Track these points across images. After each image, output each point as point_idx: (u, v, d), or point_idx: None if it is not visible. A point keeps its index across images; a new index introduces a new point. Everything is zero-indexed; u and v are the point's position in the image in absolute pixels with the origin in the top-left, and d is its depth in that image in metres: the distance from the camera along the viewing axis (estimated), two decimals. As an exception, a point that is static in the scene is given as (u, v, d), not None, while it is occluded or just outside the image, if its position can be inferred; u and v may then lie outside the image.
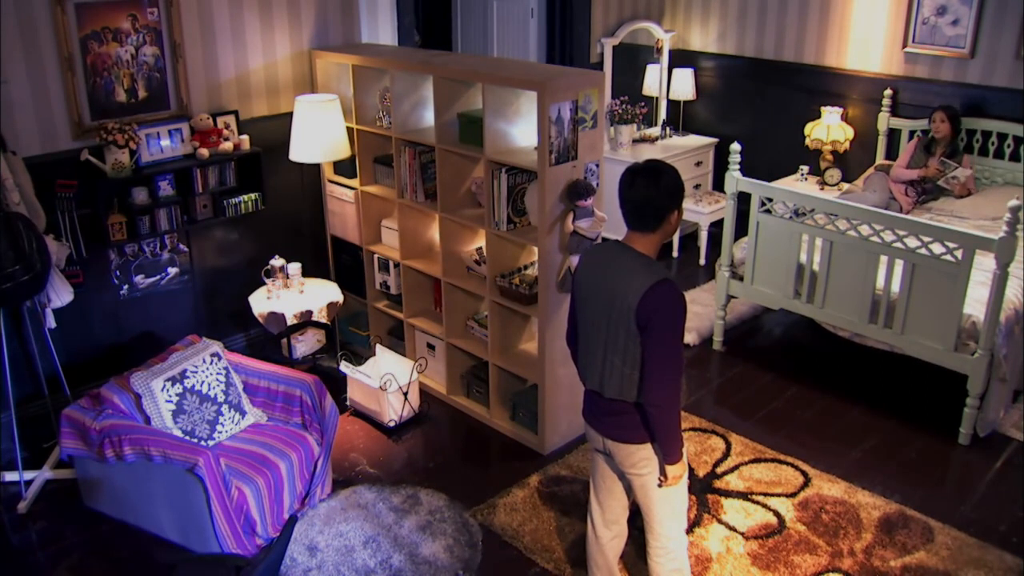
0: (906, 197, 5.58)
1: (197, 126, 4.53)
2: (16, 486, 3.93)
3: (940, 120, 5.56)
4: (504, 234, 4.10)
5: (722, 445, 4.28)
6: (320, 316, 4.58)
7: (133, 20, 4.30)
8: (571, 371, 4.19)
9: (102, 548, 3.64)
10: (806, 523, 3.73)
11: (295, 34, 4.89)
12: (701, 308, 5.68)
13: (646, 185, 2.62)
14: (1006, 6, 5.49)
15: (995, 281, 4.04)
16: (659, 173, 2.64)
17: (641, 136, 6.76)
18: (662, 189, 2.62)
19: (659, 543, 2.91)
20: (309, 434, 3.86)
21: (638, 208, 2.65)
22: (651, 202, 2.62)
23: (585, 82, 3.82)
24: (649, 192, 2.62)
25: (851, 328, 4.59)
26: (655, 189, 2.62)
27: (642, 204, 2.63)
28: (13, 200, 3.69)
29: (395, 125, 4.48)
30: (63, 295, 3.96)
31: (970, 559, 3.52)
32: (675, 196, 2.66)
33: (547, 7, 6.37)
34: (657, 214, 2.65)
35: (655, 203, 2.62)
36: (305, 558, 3.55)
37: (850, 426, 4.46)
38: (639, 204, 2.64)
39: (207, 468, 3.33)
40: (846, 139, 6.27)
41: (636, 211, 2.66)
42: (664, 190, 2.63)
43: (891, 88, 6.06)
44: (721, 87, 7.07)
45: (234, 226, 4.92)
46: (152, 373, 3.69)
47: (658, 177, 2.63)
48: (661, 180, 2.63)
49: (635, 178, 2.64)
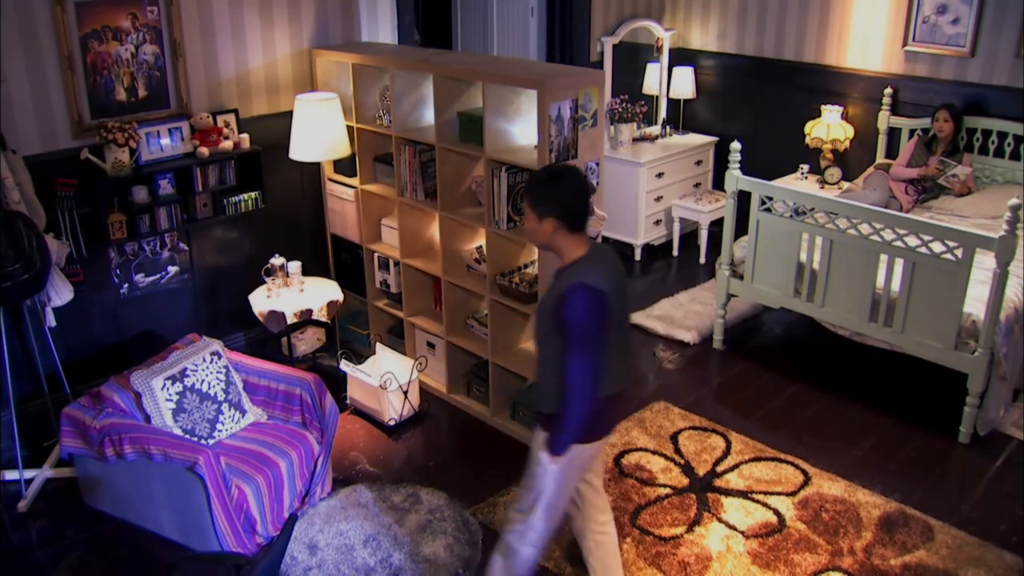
0: (906, 196, 5.58)
1: (197, 125, 4.53)
2: (16, 485, 3.93)
3: (943, 119, 5.56)
4: (504, 233, 4.10)
5: (722, 444, 4.28)
6: (320, 315, 4.58)
7: (133, 19, 4.29)
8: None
9: (102, 547, 3.64)
10: (806, 522, 3.73)
11: (295, 33, 4.89)
12: (701, 307, 5.68)
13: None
14: (1006, 5, 5.49)
15: (995, 280, 4.04)
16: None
17: (641, 135, 6.76)
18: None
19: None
20: (309, 433, 3.86)
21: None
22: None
23: (585, 81, 3.82)
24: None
25: (851, 327, 4.60)
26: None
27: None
28: (13, 199, 3.68)
29: (395, 124, 4.48)
30: (63, 294, 3.95)
31: (970, 558, 3.52)
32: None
33: (547, 6, 6.37)
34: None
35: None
36: (305, 557, 3.56)
37: (850, 425, 4.46)
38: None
39: (207, 467, 3.33)
40: (846, 138, 6.27)
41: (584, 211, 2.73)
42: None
43: (891, 87, 6.06)
44: (721, 86, 7.07)
45: (234, 225, 4.92)
46: (152, 372, 3.69)
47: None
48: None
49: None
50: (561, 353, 2.65)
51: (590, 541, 3.13)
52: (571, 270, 2.69)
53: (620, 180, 6.33)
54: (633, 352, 2.98)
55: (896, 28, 6.01)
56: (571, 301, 2.60)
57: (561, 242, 2.71)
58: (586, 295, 2.60)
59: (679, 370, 5.04)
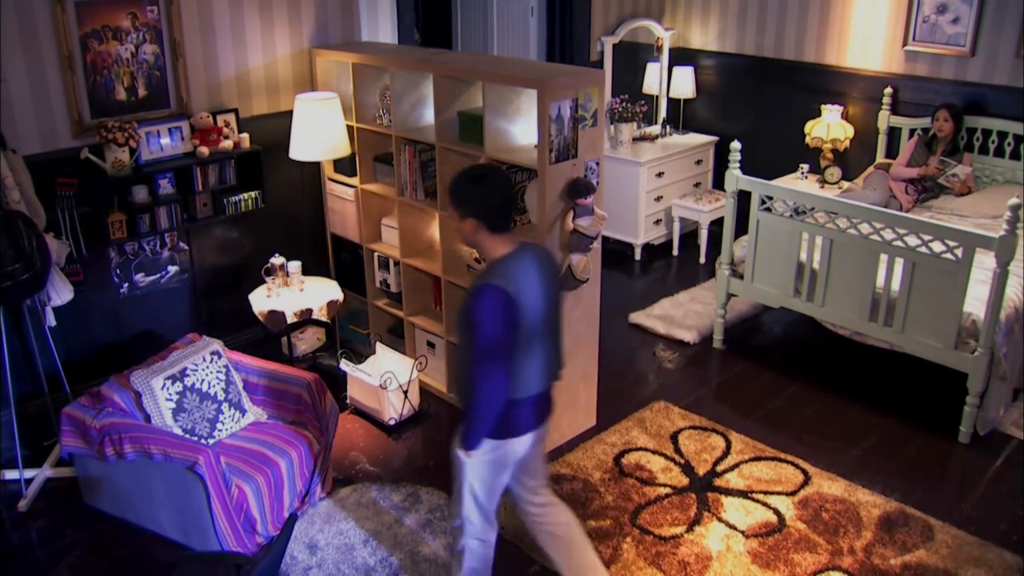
0: (906, 195, 5.58)
1: (197, 124, 4.52)
2: (16, 484, 3.93)
3: (944, 118, 5.56)
4: (504, 232, 4.10)
5: (722, 443, 4.28)
6: (320, 314, 4.58)
7: (133, 18, 4.29)
8: (571, 369, 4.19)
9: (102, 546, 3.64)
10: (806, 521, 3.73)
11: (295, 32, 4.89)
12: (701, 307, 5.68)
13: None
14: (1006, 4, 5.49)
15: (995, 279, 4.04)
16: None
17: (641, 134, 6.76)
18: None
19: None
20: (309, 432, 3.86)
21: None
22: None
23: (585, 80, 3.82)
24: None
25: (851, 326, 4.60)
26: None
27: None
28: (13, 198, 3.68)
29: (395, 123, 4.48)
30: (63, 293, 3.95)
31: (970, 557, 3.52)
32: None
33: (547, 5, 6.37)
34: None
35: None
36: (305, 556, 3.56)
37: (850, 424, 4.46)
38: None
39: (207, 466, 3.33)
40: (846, 137, 6.26)
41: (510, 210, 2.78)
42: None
43: (891, 86, 6.06)
44: (721, 85, 7.07)
45: (234, 224, 4.92)
46: (152, 371, 3.69)
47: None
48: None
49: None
50: (470, 350, 2.69)
51: (543, 535, 3.17)
52: (488, 270, 2.72)
53: (620, 180, 6.33)
54: (561, 354, 2.97)
55: (896, 28, 6.01)
56: (477, 301, 2.63)
57: (483, 241, 2.74)
58: (491, 296, 2.61)
59: (679, 370, 5.04)
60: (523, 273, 2.70)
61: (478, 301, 2.63)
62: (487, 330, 2.63)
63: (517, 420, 2.83)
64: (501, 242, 2.74)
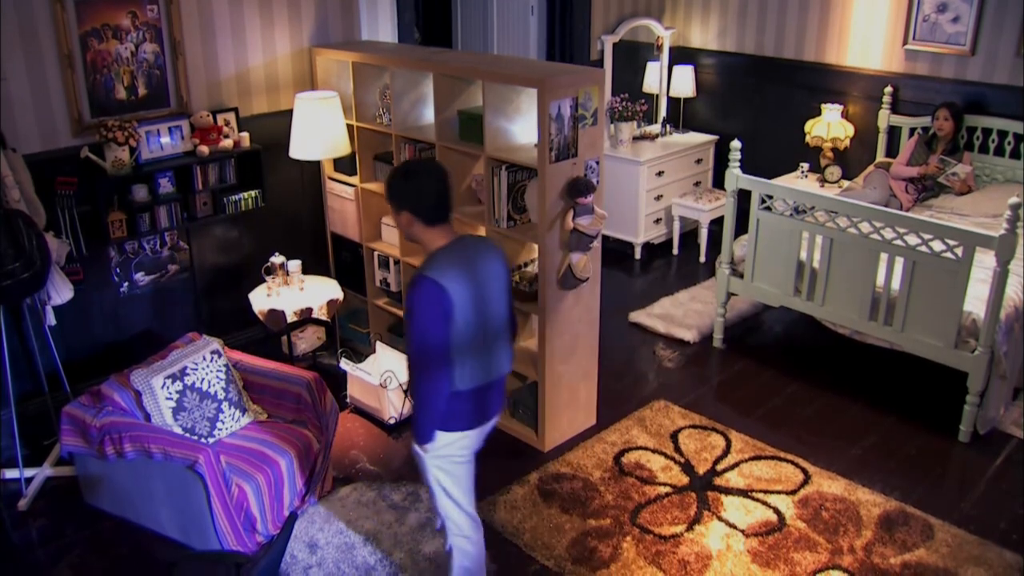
0: (906, 194, 5.58)
1: (197, 123, 4.52)
2: (16, 483, 3.93)
3: (944, 117, 5.56)
4: (504, 231, 4.10)
5: (722, 442, 4.28)
6: (320, 313, 4.58)
7: (133, 17, 4.29)
8: (571, 369, 4.21)
9: (102, 545, 3.64)
10: (806, 520, 3.73)
11: (295, 31, 4.89)
12: (701, 305, 5.68)
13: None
14: (1007, 4, 5.49)
15: (995, 278, 4.04)
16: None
17: (641, 134, 6.76)
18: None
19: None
20: (309, 431, 3.86)
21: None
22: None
23: (585, 79, 3.82)
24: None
25: (851, 325, 4.59)
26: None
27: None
28: (13, 197, 3.68)
29: (395, 122, 4.47)
30: (63, 292, 3.95)
31: (970, 556, 3.52)
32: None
33: (547, 4, 6.37)
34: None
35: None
36: (305, 555, 3.56)
37: (850, 423, 4.46)
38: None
39: (207, 465, 3.33)
40: (846, 136, 6.26)
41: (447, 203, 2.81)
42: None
43: (891, 85, 6.06)
44: (721, 84, 7.06)
45: (234, 223, 4.92)
46: (152, 370, 3.69)
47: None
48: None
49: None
50: (408, 342, 2.76)
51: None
52: (425, 262, 2.75)
53: (620, 179, 6.33)
54: (511, 346, 2.99)
55: (896, 26, 6.01)
56: (410, 292, 2.68)
57: (419, 234, 2.80)
58: (423, 288, 2.65)
59: (679, 369, 5.04)
60: (458, 265, 2.72)
61: (411, 292, 2.68)
62: (420, 321, 2.68)
63: (465, 411, 2.85)
64: (438, 234, 2.78)
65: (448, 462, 2.89)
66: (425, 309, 2.66)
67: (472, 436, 2.90)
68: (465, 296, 2.70)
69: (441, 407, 2.77)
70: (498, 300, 2.86)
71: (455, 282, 2.67)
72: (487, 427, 2.97)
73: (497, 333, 2.88)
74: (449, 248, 2.77)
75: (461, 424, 2.84)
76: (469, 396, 2.82)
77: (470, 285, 2.72)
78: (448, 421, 2.81)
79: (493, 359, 2.88)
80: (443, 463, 2.88)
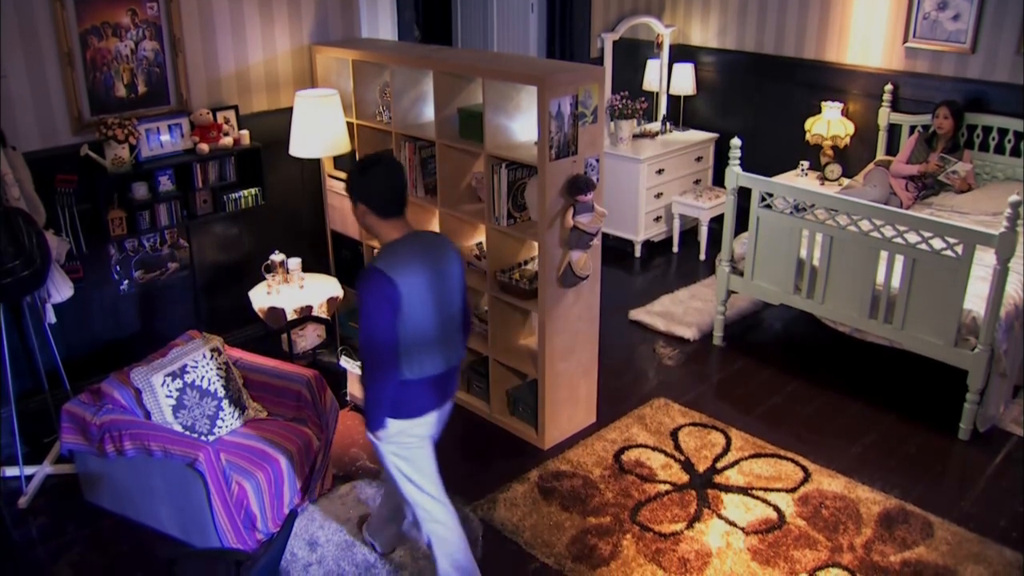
0: (906, 192, 5.58)
1: (197, 121, 4.52)
2: (16, 481, 3.93)
3: (943, 115, 5.56)
4: (504, 229, 4.10)
5: (722, 440, 4.28)
6: (320, 311, 4.58)
7: (132, 15, 4.29)
8: (571, 367, 4.21)
9: (102, 543, 3.65)
10: (806, 518, 3.74)
11: (295, 29, 4.88)
12: (701, 303, 5.68)
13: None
14: (1007, 2, 5.48)
15: (995, 276, 4.04)
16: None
17: (641, 131, 6.76)
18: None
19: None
20: (309, 429, 3.86)
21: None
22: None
23: (585, 77, 3.82)
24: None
25: (851, 323, 4.59)
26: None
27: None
28: (13, 195, 3.68)
29: (395, 120, 4.47)
30: (63, 290, 3.95)
31: (970, 554, 3.52)
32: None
33: (547, 2, 6.36)
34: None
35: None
36: (305, 553, 3.56)
37: (850, 421, 4.46)
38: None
39: (207, 463, 3.33)
40: (846, 134, 6.26)
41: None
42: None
43: (892, 83, 6.06)
44: (721, 82, 7.06)
45: (234, 221, 4.92)
46: (152, 368, 3.69)
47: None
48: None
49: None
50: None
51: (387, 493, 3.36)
52: (378, 254, 2.84)
53: (620, 177, 6.33)
54: (464, 338, 3.07)
55: (897, 24, 6.00)
56: (361, 283, 2.76)
57: (373, 226, 2.89)
58: (372, 279, 2.74)
59: (679, 366, 5.04)
60: (409, 258, 2.80)
61: (361, 283, 2.76)
62: (368, 312, 2.76)
63: (415, 400, 2.92)
64: (391, 227, 2.87)
65: (403, 448, 2.97)
66: (374, 300, 2.75)
67: (424, 423, 2.97)
68: (415, 288, 2.78)
69: (390, 395, 2.85)
70: (451, 293, 2.95)
71: (405, 275, 2.76)
72: (440, 414, 3.05)
73: (450, 325, 2.96)
74: (402, 241, 2.85)
75: (412, 411, 2.93)
76: (420, 385, 2.90)
77: (420, 278, 2.81)
78: (399, 409, 2.89)
79: (445, 350, 2.95)
80: (398, 449, 2.96)
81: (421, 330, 2.83)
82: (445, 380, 3.01)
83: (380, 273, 2.73)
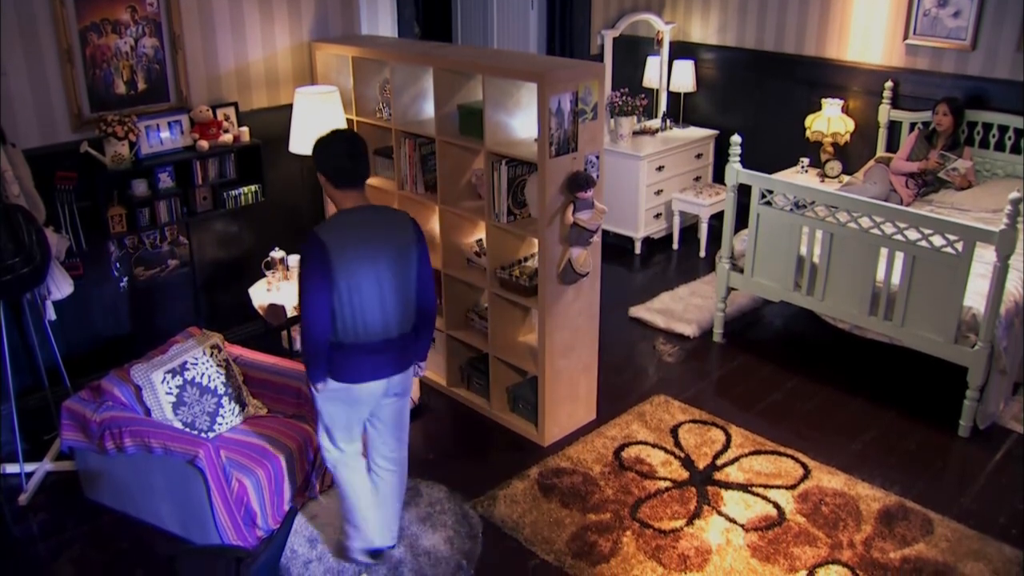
0: (906, 189, 5.57)
1: (197, 118, 4.52)
2: (17, 478, 3.93)
3: (943, 112, 5.56)
4: (504, 226, 4.10)
5: (722, 437, 4.28)
6: (320, 308, 4.57)
7: (132, 12, 4.29)
8: (571, 363, 4.21)
9: (103, 540, 3.65)
10: (806, 515, 3.74)
11: (295, 26, 4.88)
12: (701, 300, 5.68)
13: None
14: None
15: (995, 273, 4.04)
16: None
17: (641, 128, 6.75)
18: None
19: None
20: (309, 426, 3.86)
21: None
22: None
23: (585, 74, 3.81)
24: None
25: (851, 320, 4.59)
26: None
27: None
28: (13, 192, 3.68)
29: (395, 117, 4.47)
30: (63, 287, 3.95)
31: (969, 551, 3.53)
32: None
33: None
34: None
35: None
36: (305, 550, 3.56)
37: (850, 418, 4.46)
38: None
39: (207, 460, 3.34)
40: (846, 131, 6.26)
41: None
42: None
43: (892, 80, 6.05)
44: (721, 79, 7.06)
45: (234, 218, 4.92)
46: (152, 365, 3.69)
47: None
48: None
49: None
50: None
51: (371, 482, 3.44)
52: (325, 220, 3.05)
53: (620, 173, 6.33)
54: (409, 312, 3.18)
55: (897, 21, 6.00)
56: (302, 245, 2.99)
57: (332, 195, 3.07)
58: (308, 241, 2.95)
59: (679, 363, 5.04)
60: (351, 226, 2.99)
61: (302, 245, 2.98)
62: (301, 270, 2.97)
63: (351, 365, 3.07)
64: (345, 197, 3.04)
65: (332, 403, 3.16)
66: (306, 261, 2.95)
67: (363, 389, 3.10)
68: (349, 256, 2.94)
69: (321, 353, 3.01)
70: (402, 267, 3.06)
71: (340, 239, 2.94)
72: (379, 387, 3.14)
73: (396, 298, 3.06)
74: (350, 212, 3.02)
75: (349, 376, 3.08)
76: (355, 351, 3.05)
77: (362, 246, 2.97)
78: (336, 371, 3.07)
79: (385, 321, 3.05)
80: (328, 403, 3.17)
81: (358, 297, 2.97)
82: (386, 351, 3.10)
83: (314, 235, 2.94)
